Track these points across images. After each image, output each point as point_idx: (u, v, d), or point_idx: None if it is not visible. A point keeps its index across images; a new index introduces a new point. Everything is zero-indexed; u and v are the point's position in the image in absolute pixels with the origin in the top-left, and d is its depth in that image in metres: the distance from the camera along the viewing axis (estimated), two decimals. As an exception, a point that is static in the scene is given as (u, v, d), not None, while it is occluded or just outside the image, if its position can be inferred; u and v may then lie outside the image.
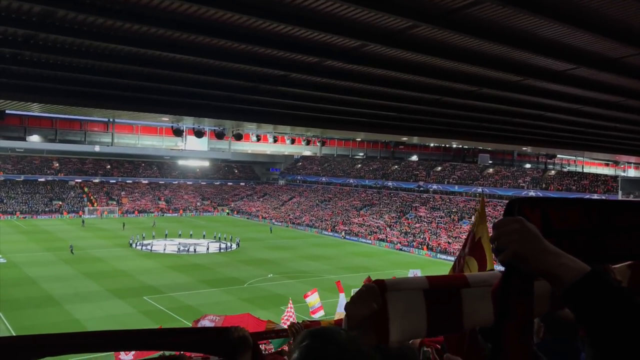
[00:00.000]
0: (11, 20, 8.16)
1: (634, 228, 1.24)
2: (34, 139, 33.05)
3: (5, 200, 72.34)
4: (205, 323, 14.12)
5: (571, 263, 1.02)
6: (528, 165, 69.06)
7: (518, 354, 1.13)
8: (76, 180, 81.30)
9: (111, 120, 34.52)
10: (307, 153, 53.57)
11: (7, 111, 19.22)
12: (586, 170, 70.88)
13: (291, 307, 18.67)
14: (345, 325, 1.48)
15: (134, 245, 51.76)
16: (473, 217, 15.79)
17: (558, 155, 57.94)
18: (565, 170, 69.63)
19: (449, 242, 55.25)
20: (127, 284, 35.97)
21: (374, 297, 1.48)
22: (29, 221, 67.39)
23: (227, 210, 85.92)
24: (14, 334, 24.23)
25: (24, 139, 32.21)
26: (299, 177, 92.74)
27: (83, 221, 66.40)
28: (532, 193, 60.38)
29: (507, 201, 1.29)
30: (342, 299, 21.06)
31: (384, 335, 1.48)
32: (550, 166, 68.84)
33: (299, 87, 12.62)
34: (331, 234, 66.21)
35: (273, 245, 55.45)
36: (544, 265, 1.04)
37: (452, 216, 62.95)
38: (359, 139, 43.93)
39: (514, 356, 1.14)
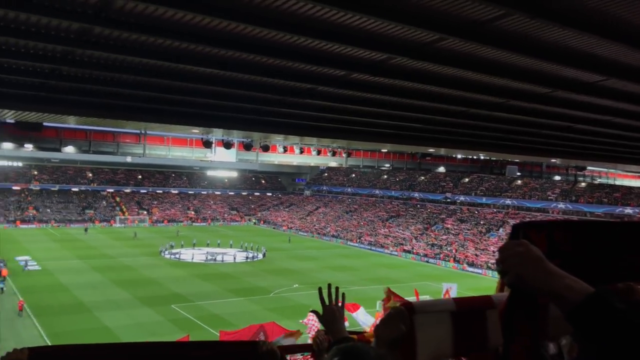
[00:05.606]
0: (51, 37, 8.53)
1: None
2: (69, 150, 34.04)
3: (40, 209, 74.42)
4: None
5: (575, 284, 1.03)
6: (557, 177, 67.45)
7: None
8: (108, 190, 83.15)
9: (143, 132, 35.34)
10: (333, 164, 53.55)
11: (44, 123, 19.90)
12: (618, 182, 68.83)
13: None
14: (374, 346, 1.53)
15: (162, 254, 52.56)
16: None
17: (588, 167, 56.43)
18: (596, 182, 67.80)
19: (476, 255, 54.35)
20: (155, 292, 36.50)
21: (402, 320, 1.54)
22: (62, 229, 69.12)
23: (254, 220, 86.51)
24: (47, 340, 24.87)
25: (59, 150, 33.22)
26: (324, 188, 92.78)
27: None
28: (561, 205, 58.97)
29: (535, 214, 1.31)
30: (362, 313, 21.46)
31: (411, 358, 1.53)
32: (580, 178, 67.10)
33: (325, 100, 12.75)
34: (357, 244, 65.89)
35: (299, 255, 55.49)
36: (548, 287, 1.04)
37: (480, 228, 61.98)
38: (385, 151, 43.72)
39: None
